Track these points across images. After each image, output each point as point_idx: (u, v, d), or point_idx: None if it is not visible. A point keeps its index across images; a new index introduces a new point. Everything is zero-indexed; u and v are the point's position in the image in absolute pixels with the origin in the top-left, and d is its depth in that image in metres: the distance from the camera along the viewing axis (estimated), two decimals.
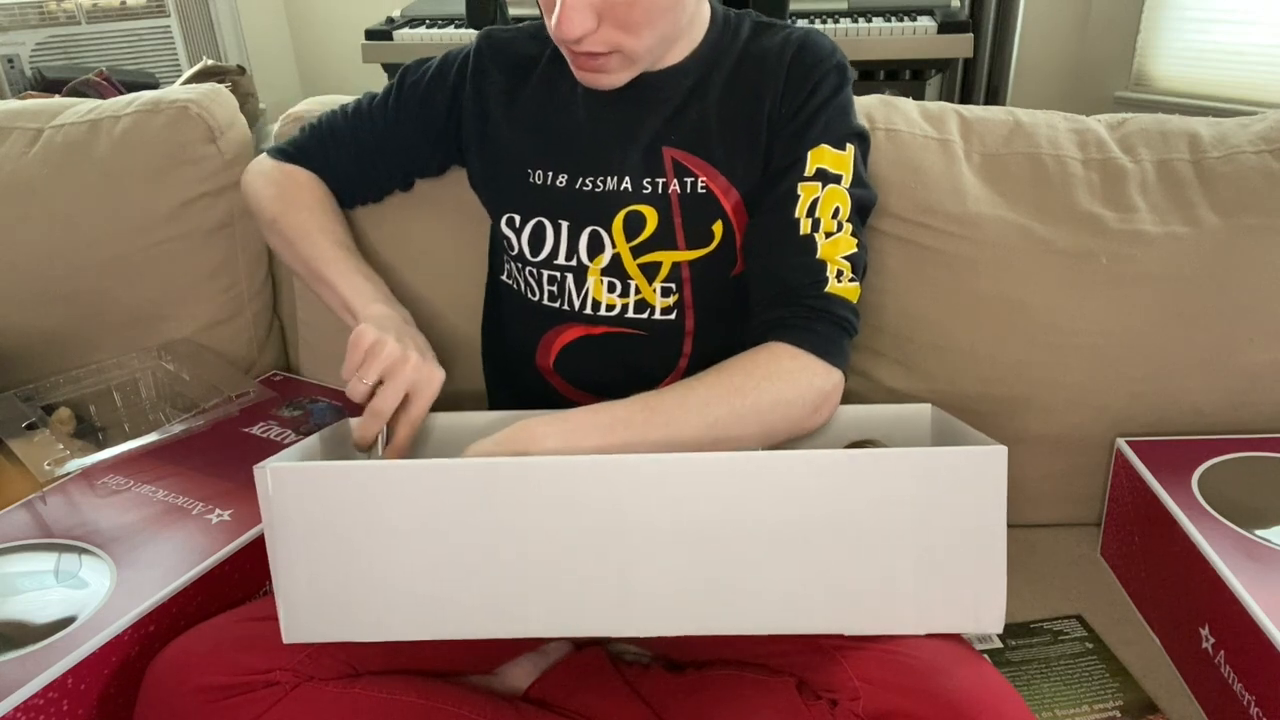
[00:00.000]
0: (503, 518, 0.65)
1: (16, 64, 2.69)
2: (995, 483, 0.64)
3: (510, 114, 0.93)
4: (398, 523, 0.66)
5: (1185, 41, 2.58)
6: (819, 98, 0.85)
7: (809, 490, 0.64)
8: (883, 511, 0.65)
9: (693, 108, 0.88)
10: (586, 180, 0.89)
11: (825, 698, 0.69)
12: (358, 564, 0.66)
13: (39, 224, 1.14)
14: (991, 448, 0.64)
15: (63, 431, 1.03)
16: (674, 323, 0.89)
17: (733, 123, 0.87)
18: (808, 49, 0.87)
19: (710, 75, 0.88)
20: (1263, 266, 0.95)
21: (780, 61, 0.87)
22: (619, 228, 0.88)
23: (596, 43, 0.79)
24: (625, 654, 0.88)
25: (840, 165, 0.85)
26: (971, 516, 0.65)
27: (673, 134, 0.88)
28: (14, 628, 0.72)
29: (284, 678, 0.71)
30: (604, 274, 0.89)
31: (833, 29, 2.11)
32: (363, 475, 0.65)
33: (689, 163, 0.87)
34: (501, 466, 0.65)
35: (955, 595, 0.66)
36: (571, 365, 0.93)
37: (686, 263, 0.87)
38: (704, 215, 0.87)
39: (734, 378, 0.78)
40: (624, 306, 0.89)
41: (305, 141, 1.03)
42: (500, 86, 0.94)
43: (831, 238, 0.83)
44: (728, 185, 0.87)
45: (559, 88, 0.92)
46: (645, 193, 0.87)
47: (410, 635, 0.68)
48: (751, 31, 0.90)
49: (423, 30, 2.27)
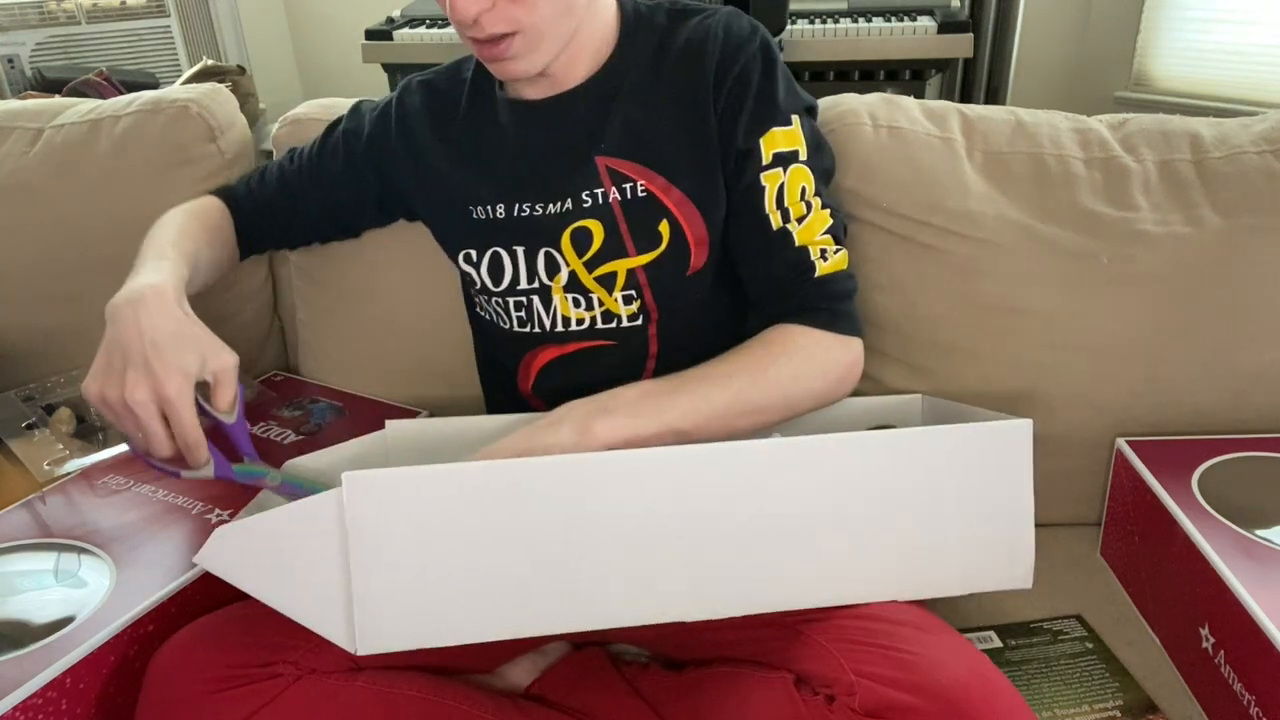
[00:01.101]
0: (579, 513, 0.67)
1: (16, 64, 2.69)
2: (1023, 451, 0.72)
3: (442, 154, 0.93)
4: (474, 523, 0.66)
5: (1185, 41, 2.58)
6: (754, 83, 0.84)
7: (861, 470, 0.70)
8: (927, 485, 0.71)
9: (618, 113, 0.86)
10: (524, 207, 0.88)
11: (822, 693, 0.69)
12: (435, 567, 0.66)
13: (39, 224, 1.14)
14: (1019, 421, 0.72)
15: (63, 431, 1.03)
16: (640, 327, 0.89)
17: (664, 120, 0.86)
18: (731, 35, 0.85)
19: (630, 77, 0.87)
20: (1264, 266, 0.95)
21: (704, 51, 0.85)
22: (568, 246, 0.87)
23: (495, 21, 0.77)
24: (625, 653, 0.88)
25: (793, 141, 0.85)
26: (1004, 484, 0.73)
27: (602, 143, 0.86)
28: (13, 627, 0.72)
29: (286, 670, 0.72)
30: (566, 290, 0.89)
31: (833, 29, 2.11)
32: (439, 478, 0.66)
33: (624, 169, 0.86)
34: (577, 463, 0.67)
35: (992, 556, 0.74)
36: (548, 387, 0.93)
37: (640, 268, 0.87)
38: (649, 218, 0.86)
39: (754, 352, 0.81)
40: (591, 319, 0.89)
41: (238, 185, 1.04)
42: (427, 128, 0.94)
43: (804, 221, 0.84)
44: (667, 184, 0.85)
45: (484, 120, 0.92)
46: (586, 206, 0.86)
47: (487, 636, 0.68)
48: (668, 20, 0.89)
49: (423, 30, 2.27)
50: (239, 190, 1.02)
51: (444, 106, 0.94)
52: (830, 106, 1.05)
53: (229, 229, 1.00)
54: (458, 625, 0.68)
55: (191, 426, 0.73)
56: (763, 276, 0.85)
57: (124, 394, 0.72)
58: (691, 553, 0.69)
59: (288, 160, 1.02)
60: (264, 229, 1.03)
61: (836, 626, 0.72)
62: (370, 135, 0.97)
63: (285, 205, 1.01)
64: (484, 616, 0.68)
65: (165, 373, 0.72)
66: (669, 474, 0.68)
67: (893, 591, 0.73)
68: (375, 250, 1.10)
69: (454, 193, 0.92)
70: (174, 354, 0.73)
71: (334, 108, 1.11)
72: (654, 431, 0.75)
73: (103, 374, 0.74)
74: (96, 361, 0.74)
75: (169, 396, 0.72)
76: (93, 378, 0.74)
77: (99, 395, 0.73)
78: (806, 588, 0.71)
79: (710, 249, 0.87)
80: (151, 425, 0.72)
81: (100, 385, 0.73)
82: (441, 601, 0.67)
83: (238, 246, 1.01)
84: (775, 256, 0.84)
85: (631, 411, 0.76)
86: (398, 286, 1.11)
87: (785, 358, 0.81)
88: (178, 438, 0.74)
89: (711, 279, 0.88)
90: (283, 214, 1.02)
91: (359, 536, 0.65)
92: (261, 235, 1.04)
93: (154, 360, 0.72)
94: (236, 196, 1.02)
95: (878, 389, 1.04)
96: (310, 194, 1.01)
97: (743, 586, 0.70)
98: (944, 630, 0.71)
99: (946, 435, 0.71)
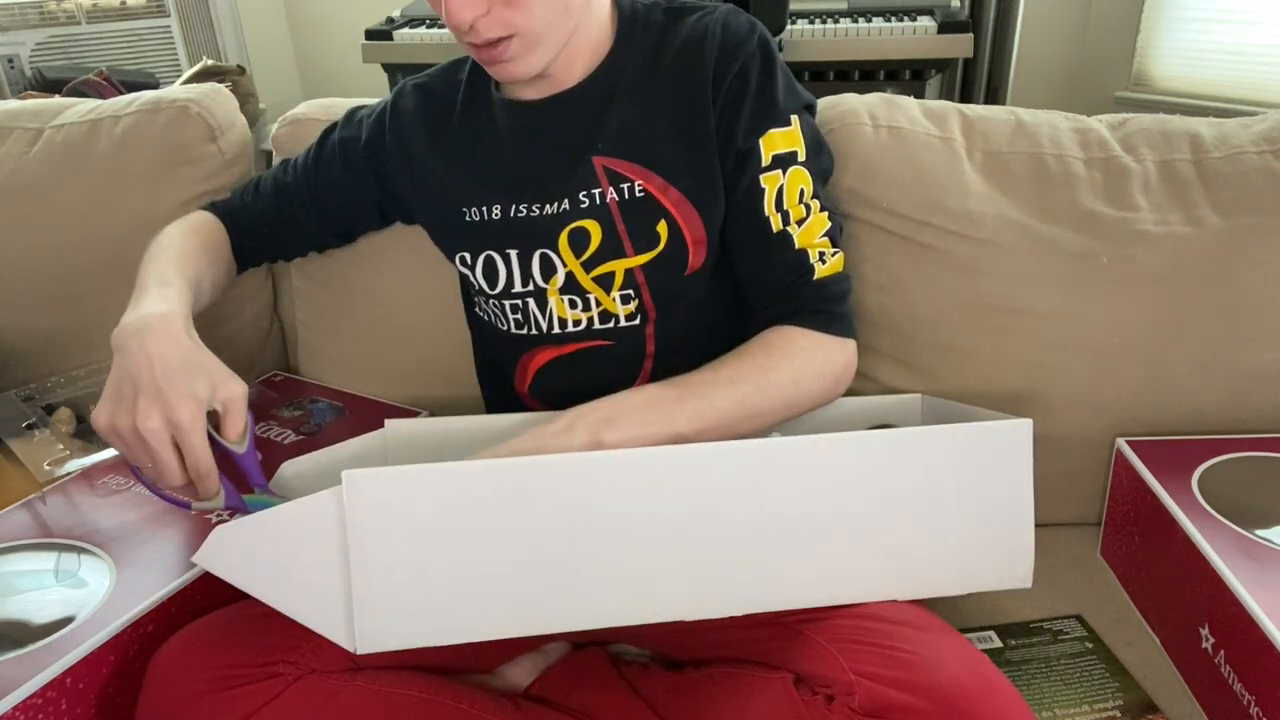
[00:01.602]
0: (579, 512, 0.67)
1: (16, 64, 2.69)
2: (1023, 451, 0.72)
3: (436, 155, 0.93)
4: (474, 522, 0.66)
5: (1185, 41, 2.58)
6: (753, 82, 0.84)
7: (861, 470, 0.70)
8: (927, 484, 0.71)
9: (615, 113, 0.86)
10: (521, 207, 0.88)
11: (822, 693, 0.69)
12: (435, 566, 0.66)
13: (39, 224, 1.14)
14: (1019, 420, 0.72)
15: (63, 431, 1.03)
16: (638, 327, 0.89)
17: (661, 120, 0.86)
18: (729, 33, 0.85)
19: (627, 76, 0.87)
20: (1264, 266, 0.95)
21: (702, 50, 0.84)
22: (565, 246, 0.87)
23: (491, 26, 0.77)
24: (625, 653, 0.88)
25: (792, 142, 0.85)
26: (1004, 483, 0.73)
27: (599, 143, 0.86)
28: (13, 627, 0.72)
29: (286, 670, 0.72)
30: (562, 293, 0.88)
31: (833, 29, 2.11)
32: (439, 476, 0.66)
33: (621, 169, 0.86)
34: (576, 462, 0.67)
35: (991, 556, 0.73)
36: (545, 387, 0.93)
37: (639, 268, 0.86)
38: (647, 218, 0.86)
39: (756, 357, 0.81)
40: (589, 320, 0.89)
41: (233, 199, 1.02)
42: (422, 130, 0.94)
43: (804, 224, 0.84)
44: (665, 184, 0.85)
45: (480, 120, 0.91)
46: (584, 207, 0.86)
47: (487, 635, 0.68)
48: (665, 18, 0.88)
49: (423, 30, 2.26)
50: (234, 205, 1.01)
51: (439, 108, 0.94)
52: (830, 106, 1.05)
53: (226, 247, 0.99)
54: (458, 624, 0.67)
55: (204, 453, 0.72)
56: (761, 278, 0.86)
57: (136, 422, 0.70)
58: (691, 552, 0.69)
59: (282, 172, 1.01)
60: (261, 244, 1.02)
61: (836, 626, 0.72)
62: (368, 140, 0.97)
63: (282, 218, 1.00)
64: (484, 615, 0.68)
65: (177, 400, 0.71)
66: (669, 474, 0.68)
67: (892, 591, 0.73)
68: (375, 251, 1.10)
69: (449, 194, 0.92)
70: (185, 381, 0.72)
71: (334, 108, 1.11)
72: (663, 439, 0.75)
73: (113, 403, 0.72)
74: (106, 391, 0.73)
75: (182, 423, 0.70)
76: (102, 407, 0.72)
77: (109, 425, 0.71)
78: (806, 587, 0.71)
79: (708, 249, 0.87)
80: (163, 453, 0.71)
81: (110, 415, 0.71)
82: (441, 600, 0.67)
83: (234, 262, 1.01)
84: (775, 258, 0.84)
85: (641, 420, 0.76)
86: (397, 287, 1.11)
87: (786, 361, 0.81)
88: (190, 466, 0.72)
89: (709, 279, 0.88)
90: (280, 227, 1.01)
91: (359, 535, 0.65)
92: (259, 250, 1.03)
93: (166, 388, 0.71)
94: (232, 211, 1.00)
95: (877, 389, 1.04)
96: (308, 205, 1.00)
97: (743, 586, 0.70)
98: (943, 630, 0.71)
99: (946, 435, 0.71)
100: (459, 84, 0.94)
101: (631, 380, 0.90)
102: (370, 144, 0.97)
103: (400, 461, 0.81)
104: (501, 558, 0.67)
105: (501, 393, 1.01)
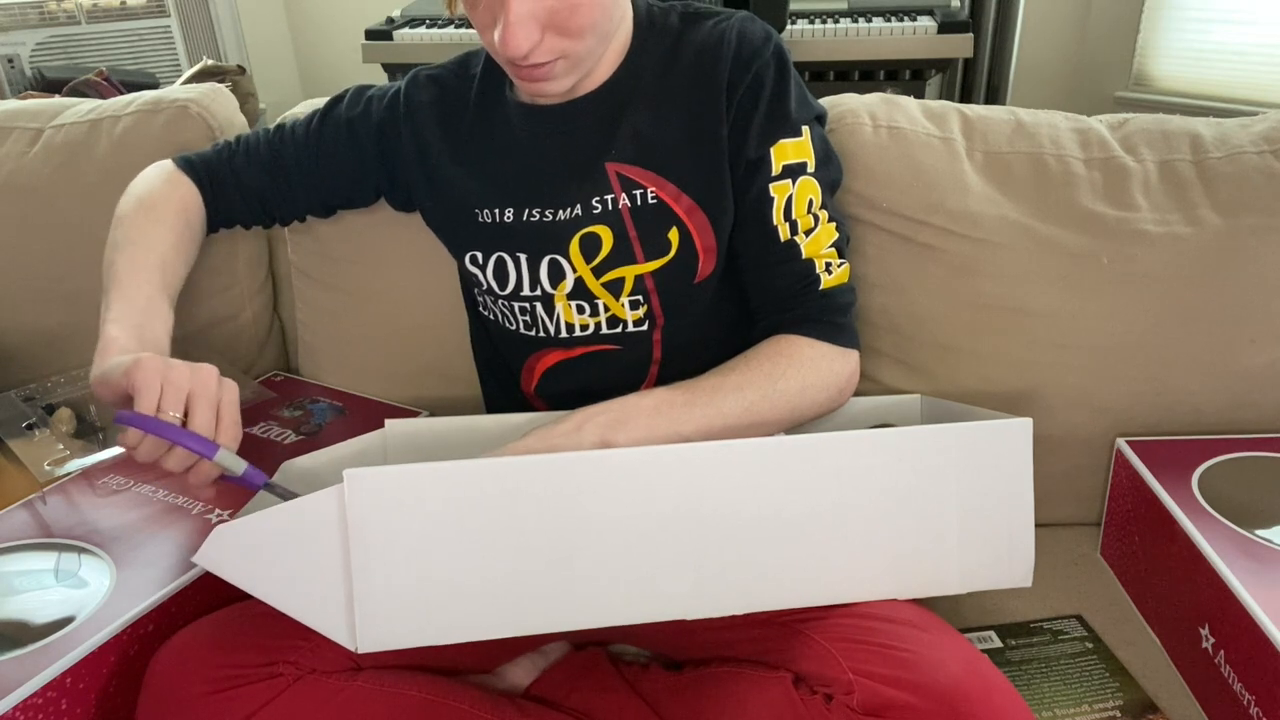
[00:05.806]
0: (579, 511, 0.67)
1: (16, 64, 2.69)
2: (1023, 450, 0.73)
3: (450, 154, 0.92)
4: (475, 521, 0.66)
5: (1185, 41, 2.58)
6: (766, 92, 0.83)
7: (861, 469, 0.70)
8: (927, 483, 0.71)
9: (629, 120, 0.86)
10: (533, 212, 0.88)
11: (821, 692, 0.69)
12: (435, 565, 0.66)
13: (39, 224, 1.14)
14: (1019, 420, 0.72)
15: (63, 431, 1.03)
16: (646, 333, 0.89)
17: (675, 127, 0.85)
18: (744, 42, 0.84)
19: (642, 82, 0.86)
20: (1264, 267, 0.95)
21: (717, 58, 0.84)
22: (576, 251, 0.87)
23: (542, 53, 0.77)
24: (625, 653, 0.88)
25: (802, 152, 0.85)
26: (1004, 482, 0.73)
27: (613, 149, 0.86)
28: (13, 627, 0.72)
29: (286, 670, 0.72)
30: (570, 298, 0.88)
31: (833, 29, 2.11)
32: (440, 475, 0.66)
33: (635, 175, 0.86)
34: (577, 461, 0.67)
35: (992, 554, 0.74)
36: (552, 389, 0.93)
37: (649, 274, 0.86)
38: (658, 225, 0.86)
39: (763, 364, 0.81)
40: (597, 325, 0.89)
41: (211, 155, 0.99)
42: (436, 126, 0.93)
43: (812, 234, 0.84)
44: (678, 191, 0.85)
45: (494, 122, 0.91)
46: (596, 212, 0.86)
47: (488, 634, 0.68)
48: (681, 24, 0.88)
49: (423, 30, 2.27)
50: (215, 166, 0.97)
51: (453, 104, 0.93)
52: (830, 106, 1.05)
53: (200, 221, 0.96)
54: (458, 623, 0.67)
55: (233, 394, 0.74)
56: (768, 286, 0.86)
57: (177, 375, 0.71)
58: (691, 551, 0.69)
59: (278, 141, 0.98)
60: (241, 207, 0.99)
61: (835, 625, 0.72)
62: (380, 123, 0.95)
63: (276, 185, 0.98)
64: (485, 614, 0.68)
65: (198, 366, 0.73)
66: (669, 473, 0.68)
67: (892, 590, 0.73)
68: (376, 250, 1.10)
69: (461, 195, 0.91)
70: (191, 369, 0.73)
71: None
72: (669, 443, 0.75)
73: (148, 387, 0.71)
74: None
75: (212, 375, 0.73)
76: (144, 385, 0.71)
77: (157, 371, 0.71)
78: (806, 586, 0.71)
79: (718, 257, 0.87)
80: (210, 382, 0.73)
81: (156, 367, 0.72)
82: (442, 599, 0.67)
83: (205, 228, 0.98)
84: (782, 267, 0.85)
85: (649, 425, 0.76)
86: (398, 287, 1.11)
87: (794, 370, 0.81)
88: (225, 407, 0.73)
89: (717, 286, 0.88)
90: (268, 195, 0.99)
91: (360, 534, 0.65)
92: (236, 213, 1.00)
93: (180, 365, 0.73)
94: (212, 171, 0.97)
95: (877, 389, 1.04)
96: (304, 177, 0.98)
97: (742, 585, 0.70)
98: (943, 629, 0.71)
99: (946, 434, 0.71)
100: (472, 80, 0.93)
101: (638, 383, 0.91)
102: (381, 128, 0.95)
103: (400, 461, 0.81)
104: (502, 557, 0.67)
105: (506, 391, 1.00)
